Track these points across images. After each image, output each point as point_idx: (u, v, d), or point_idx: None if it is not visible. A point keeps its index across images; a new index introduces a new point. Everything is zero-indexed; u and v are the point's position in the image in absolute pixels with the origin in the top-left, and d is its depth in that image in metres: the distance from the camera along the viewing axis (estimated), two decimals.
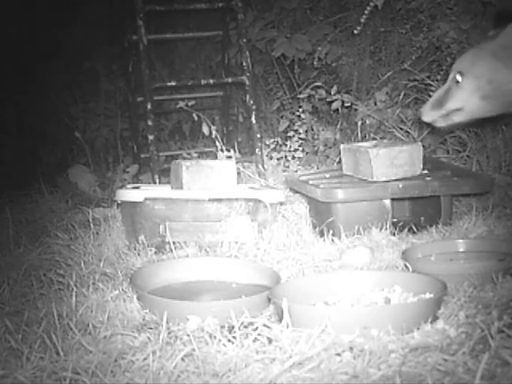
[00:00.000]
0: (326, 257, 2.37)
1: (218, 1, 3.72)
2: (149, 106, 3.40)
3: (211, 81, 3.82)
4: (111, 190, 3.93)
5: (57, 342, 1.64)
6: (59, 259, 2.51)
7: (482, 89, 2.05)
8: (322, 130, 3.92)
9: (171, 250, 2.54)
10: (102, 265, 2.39)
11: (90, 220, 2.86)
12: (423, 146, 2.82)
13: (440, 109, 2.15)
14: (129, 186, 2.98)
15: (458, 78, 2.08)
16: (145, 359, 1.55)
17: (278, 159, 3.66)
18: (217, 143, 3.45)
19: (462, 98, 2.09)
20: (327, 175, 2.89)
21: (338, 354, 1.52)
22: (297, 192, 2.97)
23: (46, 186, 3.94)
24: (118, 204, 2.92)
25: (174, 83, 3.77)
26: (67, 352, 1.62)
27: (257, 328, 1.66)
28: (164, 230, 2.60)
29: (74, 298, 1.98)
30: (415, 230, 2.59)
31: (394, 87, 3.69)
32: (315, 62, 3.92)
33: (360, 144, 3.00)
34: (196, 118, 3.81)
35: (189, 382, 1.47)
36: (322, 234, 2.60)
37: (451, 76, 2.15)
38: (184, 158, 3.58)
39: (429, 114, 2.19)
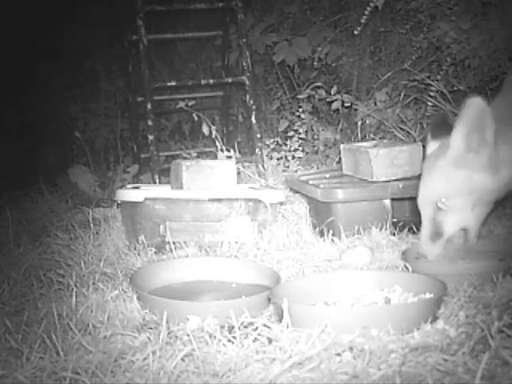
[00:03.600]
0: (325, 257, 2.37)
1: (218, 1, 3.72)
2: (149, 106, 3.40)
3: (211, 81, 3.82)
4: (111, 190, 3.94)
5: (57, 341, 1.64)
6: (59, 259, 2.52)
7: (469, 201, 1.99)
8: (322, 130, 3.92)
9: (171, 250, 2.54)
10: (101, 265, 2.39)
11: (90, 220, 2.86)
12: (423, 146, 2.82)
13: (440, 238, 2.03)
14: (129, 186, 2.98)
15: (441, 206, 2.00)
16: (145, 359, 1.55)
17: (278, 159, 3.66)
18: (217, 143, 3.46)
19: (458, 219, 2.01)
20: (327, 175, 2.89)
21: (338, 354, 1.52)
22: (297, 192, 2.97)
23: (46, 186, 3.94)
24: (117, 204, 2.92)
25: (174, 83, 3.77)
26: (67, 352, 1.62)
27: (257, 328, 1.66)
28: (164, 230, 2.60)
29: (74, 298, 1.98)
30: (415, 230, 2.59)
31: (394, 87, 3.69)
32: (315, 63, 3.92)
33: (360, 144, 3.00)
34: (196, 118, 3.81)
35: (189, 382, 1.47)
36: (322, 234, 2.60)
37: (427, 209, 2.04)
38: (184, 158, 3.58)
39: (433, 249, 2.05)
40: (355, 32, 3.66)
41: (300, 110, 3.84)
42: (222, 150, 3.41)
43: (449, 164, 2.00)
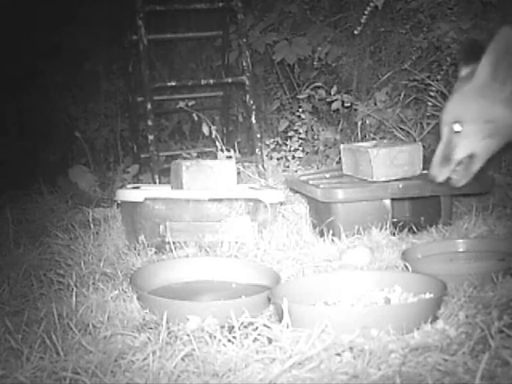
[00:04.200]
0: (326, 257, 2.37)
1: (218, 1, 3.72)
2: (149, 106, 3.40)
3: (211, 81, 3.82)
4: (111, 190, 3.93)
5: (57, 341, 1.64)
6: (59, 259, 2.51)
7: (483, 130, 2.04)
8: (322, 130, 3.92)
9: (171, 250, 2.54)
10: (102, 265, 2.39)
11: (90, 220, 2.86)
12: (423, 146, 2.82)
13: (449, 163, 2.12)
14: (129, 185, 2.98)
15: (457, 127, 2.06)
16: (145, 359, 1.55)
17: (278, 159, 3.66)
18: (217, 143, 3.45)
19: (467, 144, 2.07)
20: (327, 175, 2.89)
21: (338, 354, 1.52)
22: (297, 192, 2.97)
23: (45, 186, 3.94)
24: (118, 204, 2.92)
25: (174, 83, 3.76)
26: (67, 352, 1.62)
27: (257, 328, 1.66)
28: (164, 230, 2.60)
29: (74, 298, 1.98)
30: (415, 229, 2.59)
31: (394, 87, 3.69)
32: (315, 62, 3.92)
33: (360, 144, 3.00)
34: (196, 118, 3.81)
35: (189, 382, 1.47)
36: (322, 234, 2.60)
37: (446, 129, 2.12)
38: (184, 158, 3.57)
39: (441, 172, 2.13)
40: (355, 32, 3.66)
41: (300, 109, 3.84)
42: (222, 150, 3.41)
43: (471, 91, 2.05)
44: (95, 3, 4.77)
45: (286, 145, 3.69)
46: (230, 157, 3.35)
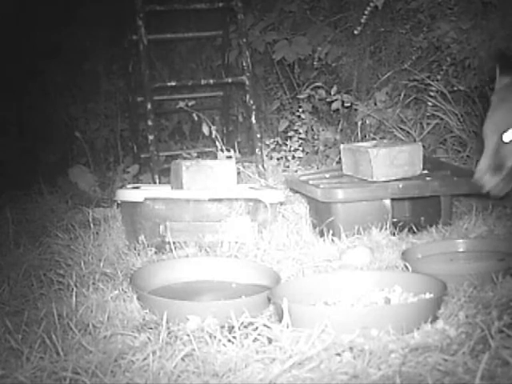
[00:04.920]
0: (326, 257, 2.37)
1: (218, 1, 3.72)
2: (149, 106, 3.40)
3: (211, 81, 3.83)
4: (111, 190, 3.93)
5: (57, 342, 1.64)
6: (59, 259, 2.52)
7: None
8: (322, 130, 3.92)
9: (171, 250, 2.54)
10: (102, 265, 2.39)
11: (90, 220, 2.86)
12: (423, 146, 2.82)
13: (500, 171, 2.02)
14: (129, 185, 2.99)
15: (506, 139, 1.99)
16: (145, 359, 1.55)
17: (278, 159, 3.66)
18: (217, 143, 3.46)
19: None
20: (327, 175, 2.89)
21: (338, 354, 1.52)
22: (297, 192, 2.97)
23: (45, 186, 3.94)
24: (118, 204, 2.92)
25: (174, 83, 3.77)
26: (67, 352, 1.62)
27: (257, 328, 1.67)
28: (164, 230, 2.60)
29: (74, 298, 1.99)
30: (415, 229, 2.59)
31: (394, 87, 3.69)
32: (315, 62, 3.92)
33: (360, 144, 3.01)
34: (196, 118, 3.81)
35: (189, 382, 1.47)
36: (322, 234, 2.60)
37: (492, 140, 2.03)
38: (184, 158, 3.58)
39: (490, 181, 2.03)
40: (355, 32, 3.67)
41: (300, 109, 3.84)
42: (222, 150, 3.41)
43: None
44: (95, 3, 4.77)
45: (286, 145, 3.70)
46: (230, 157, 3.35)
